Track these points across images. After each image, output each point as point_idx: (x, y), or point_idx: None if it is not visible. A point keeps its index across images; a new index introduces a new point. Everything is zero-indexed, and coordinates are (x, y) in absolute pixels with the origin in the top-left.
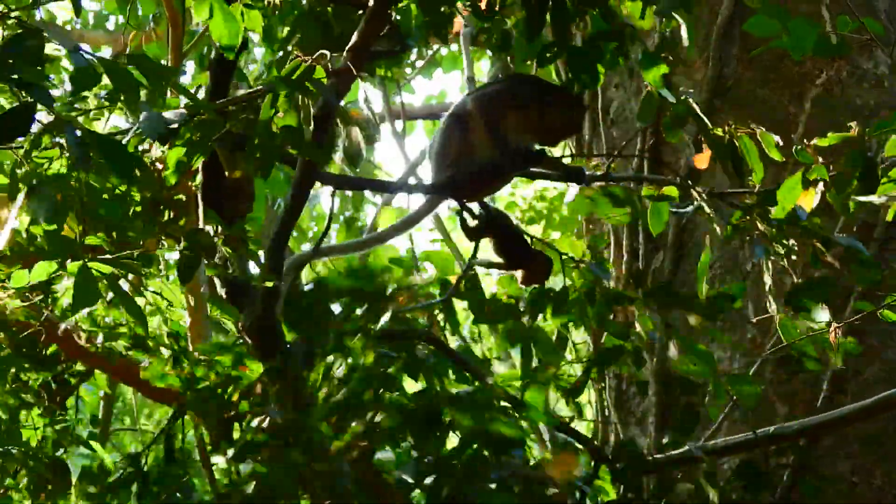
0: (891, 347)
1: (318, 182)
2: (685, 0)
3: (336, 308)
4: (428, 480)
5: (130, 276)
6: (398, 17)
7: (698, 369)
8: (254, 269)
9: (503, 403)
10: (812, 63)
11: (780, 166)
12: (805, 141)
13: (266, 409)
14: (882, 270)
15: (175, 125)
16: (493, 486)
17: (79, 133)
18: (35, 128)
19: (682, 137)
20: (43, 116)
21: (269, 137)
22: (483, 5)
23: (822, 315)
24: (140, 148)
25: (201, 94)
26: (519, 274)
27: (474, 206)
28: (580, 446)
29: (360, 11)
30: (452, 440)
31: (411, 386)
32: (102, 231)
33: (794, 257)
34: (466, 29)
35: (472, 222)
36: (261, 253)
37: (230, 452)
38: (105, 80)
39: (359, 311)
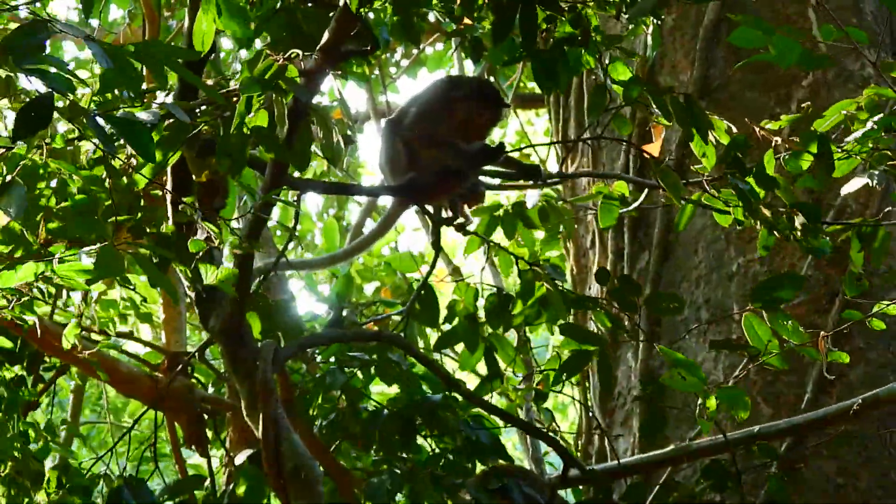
0: (876, 349)
1: (285, 187)
2: (654, 7)
3: (321, 308)
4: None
5: None
6: (371, 18)
7: (688, 383)
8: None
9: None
10: (800, 66)
11: None
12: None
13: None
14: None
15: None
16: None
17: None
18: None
19: (632, 127)
20: None
21: (241, 138)
22: (456, 9)
23: None
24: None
25: (171, 98)
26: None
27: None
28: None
29: (332, 13)
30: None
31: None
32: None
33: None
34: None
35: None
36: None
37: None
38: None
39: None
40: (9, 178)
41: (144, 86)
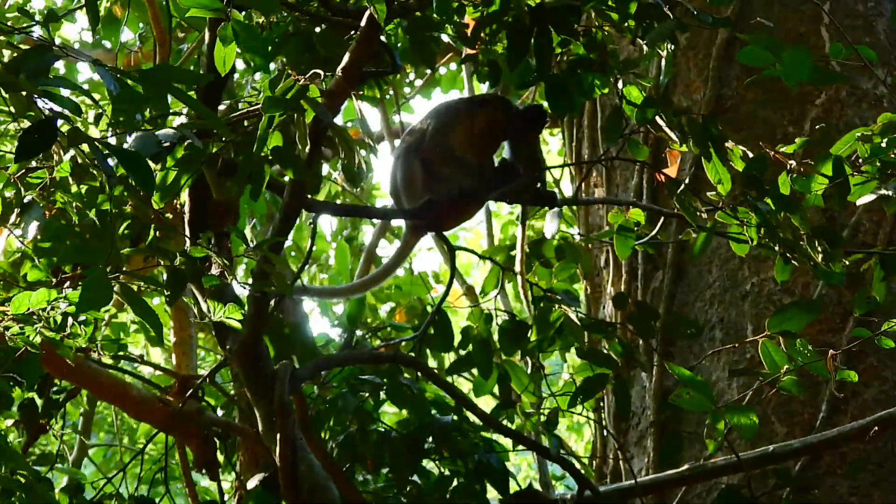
0: (889, 368)
1: (302, 209)
2: (673, 32)
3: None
4: None
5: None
6: (386, 41)
7: (696, 401)
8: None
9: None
10: (812, 84)
11: None
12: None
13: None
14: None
15: (167, 144)
16: None
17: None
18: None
19: (647, 152)
20: None
21: (261, 160)
22: (469, 33)
23: None
24: None
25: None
26: None
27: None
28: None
29: (347, 35)
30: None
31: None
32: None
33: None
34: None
35: None
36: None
37: None
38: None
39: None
40: (27, 199)
41: None
